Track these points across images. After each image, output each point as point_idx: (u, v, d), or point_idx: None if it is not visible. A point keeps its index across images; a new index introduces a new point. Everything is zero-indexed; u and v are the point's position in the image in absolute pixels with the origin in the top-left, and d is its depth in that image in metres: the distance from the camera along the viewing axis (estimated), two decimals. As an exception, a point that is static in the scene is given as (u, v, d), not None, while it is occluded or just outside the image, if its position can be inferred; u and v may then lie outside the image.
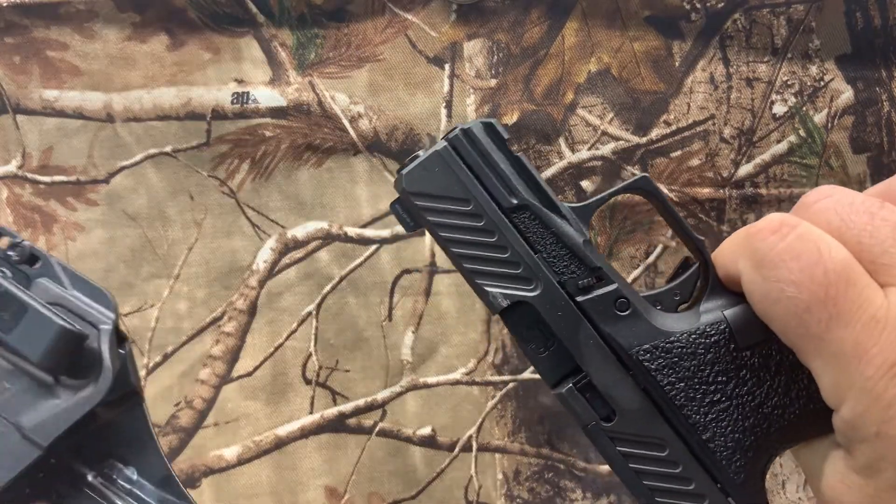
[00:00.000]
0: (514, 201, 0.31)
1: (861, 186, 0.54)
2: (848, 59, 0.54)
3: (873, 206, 0.28)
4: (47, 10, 0.55)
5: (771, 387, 0.30)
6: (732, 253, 0.30)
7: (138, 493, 0.36)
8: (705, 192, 0.55)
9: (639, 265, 0.55)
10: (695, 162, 0.55)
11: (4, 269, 0.36)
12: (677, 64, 0.55)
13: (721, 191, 0.55)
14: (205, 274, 0.57)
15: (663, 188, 0.55)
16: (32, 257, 0.37)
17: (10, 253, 0.36)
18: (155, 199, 0.57)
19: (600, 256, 0.32)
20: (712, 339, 0.30)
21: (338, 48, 0.56)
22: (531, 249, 0.31)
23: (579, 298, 0.31)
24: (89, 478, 0.36)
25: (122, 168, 0.57)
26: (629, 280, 0.55)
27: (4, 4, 0.55)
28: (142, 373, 0.57)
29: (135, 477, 0.36)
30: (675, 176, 0.55)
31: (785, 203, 0.55)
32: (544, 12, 0.55)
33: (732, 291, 0.31)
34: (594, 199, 0.32)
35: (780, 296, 0.27)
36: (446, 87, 0.55)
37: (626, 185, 0.32)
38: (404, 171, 0.31)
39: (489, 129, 0.32)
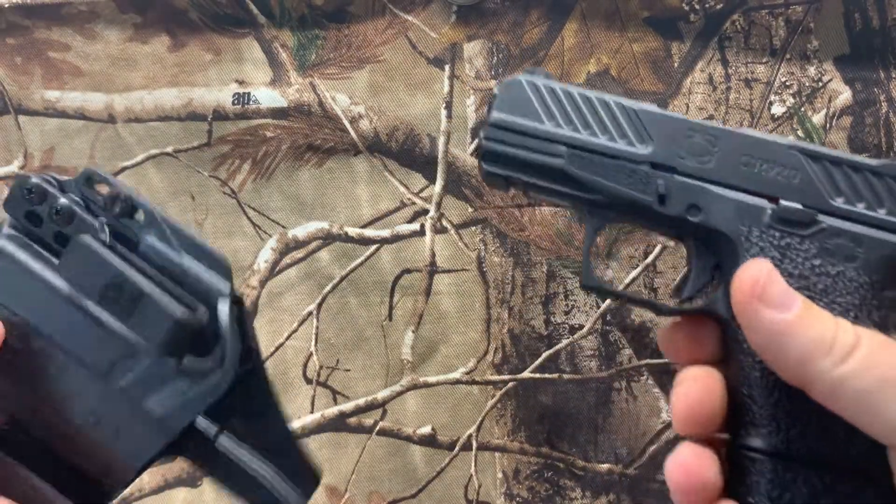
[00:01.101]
0: None
1: (859, 187, 0.54)
2: (846, 60, 0.54)
3: None
4: (49, 11, 0.56)
5: None
6: None
7: (266, 440, 0.35)
8: (704, 192, 0.55)
9: (637, 265, 0.55)
10: (694, 162, 0.55)
11: (106, 226, 0.34)
12: (676, 65, 0.55)
13: (720, 191, 0.55)
14: (206, 274, 0.57)
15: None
16: (133, 208, 0.35)
17: (111, 204, 0.34)
18: (156, 199, 0.57)
19: None
20: None
21: (338, 49, 0.56)
22: None
23: None
24: (217, 435, 0.35)
25: (124, 168, 0.57)
26: (628, 279, 0.56)
27: (6, 5, 0.55)
28: (143, 372, 0.58)
29: (260, 428, 0.35)
30: (674, 176, 0.55)
31: (783, 203, 0.55)
32: (544, 13, 0.55)
33: None
34: None
35: None
36: (446, 88, 0.56)
37: None
38: None
39: None
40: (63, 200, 0.34)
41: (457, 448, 0.57)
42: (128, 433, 0.33)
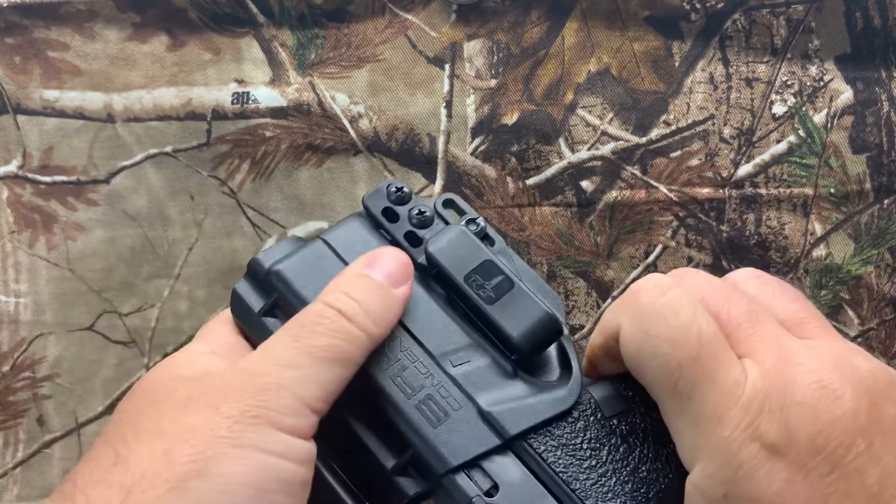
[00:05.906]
0: None
1: (860, 186, 0.54)
2: (847, 60, 0.54)
3: (729, 287, 0.31)
4: (47, 11, 0.55)
5: (641, 452, 0.32)
6: (615, 310, 0.32)
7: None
8: (705, 192, 0.55)
9: (638, 265, 0.55)
10: (694, 162, 0.55)
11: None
12: (677, 64, 0.55)
13: (721, 191, 0.55)
14: (205, 274, 0.57)
15: (663, 188, 0.55)
16: (488, 237, 0.36)
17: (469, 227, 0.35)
18: (155, 199, 0.57)
19: None
20: (580, 409, 0.32)
21: (338, 48, 0.56)
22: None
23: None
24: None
25: (123, 168, 0.57)
26: (629, 280, 0.55)
27: (4, 5, 0.55)
28: (142, 373, 0.57)
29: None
30: (675, 176, 0.55)
31: (784, 203, 0.55)
32: (544, 12, 0.55)
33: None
34: None
35: (655, 351, 0.29)
36: (446, 87, 0.56)
37: None
38: None
39: None
40: (428, 206, 0.37)
41: (457, 449, 0.57)
42: (453, 424, 0.31)
